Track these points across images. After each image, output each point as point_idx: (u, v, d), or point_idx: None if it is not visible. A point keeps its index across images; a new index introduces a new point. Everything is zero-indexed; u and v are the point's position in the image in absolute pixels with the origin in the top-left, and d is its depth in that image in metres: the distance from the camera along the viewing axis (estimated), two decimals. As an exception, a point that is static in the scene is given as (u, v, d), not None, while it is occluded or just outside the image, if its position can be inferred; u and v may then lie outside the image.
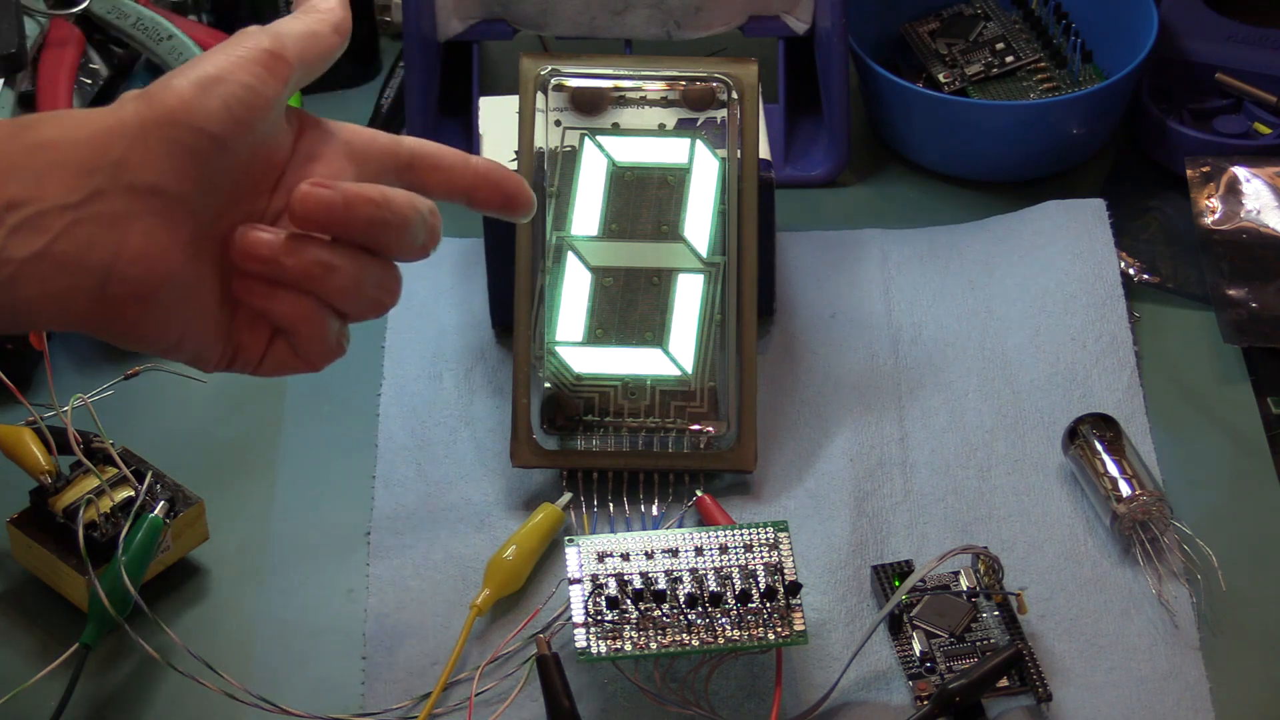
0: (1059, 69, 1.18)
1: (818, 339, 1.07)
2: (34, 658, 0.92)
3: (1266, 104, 1.17)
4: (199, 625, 0.94)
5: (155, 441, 0.99)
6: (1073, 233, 1.10)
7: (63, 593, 0.94)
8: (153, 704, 0.91)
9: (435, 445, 1.02)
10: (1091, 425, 0.98)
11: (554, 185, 1.00)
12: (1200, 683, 0.90)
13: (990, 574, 0.93)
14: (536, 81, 1.01)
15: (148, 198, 0.76)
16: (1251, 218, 1.11)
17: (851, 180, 1.18)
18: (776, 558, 0.90)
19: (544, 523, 0.96)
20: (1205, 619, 0.93)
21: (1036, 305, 1.07)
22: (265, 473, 1.01)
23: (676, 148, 1.00)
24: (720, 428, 0.98)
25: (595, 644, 0.88)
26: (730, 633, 0.88)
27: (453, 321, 1.08)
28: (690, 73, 1.01)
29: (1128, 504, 0.95)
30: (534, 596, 0.94)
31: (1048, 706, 0.89)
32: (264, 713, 0.89)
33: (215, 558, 0.97)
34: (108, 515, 0.93)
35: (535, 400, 0.98)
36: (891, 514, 0.98)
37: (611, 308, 0.99)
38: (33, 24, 1.11)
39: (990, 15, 1.21)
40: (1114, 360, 1.04)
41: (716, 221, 1.00)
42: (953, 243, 1.12)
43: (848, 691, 0.90)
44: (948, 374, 1.05)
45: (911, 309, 1.08)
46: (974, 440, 1.01)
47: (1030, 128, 1.14)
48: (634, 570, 0.89)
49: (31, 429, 0.95)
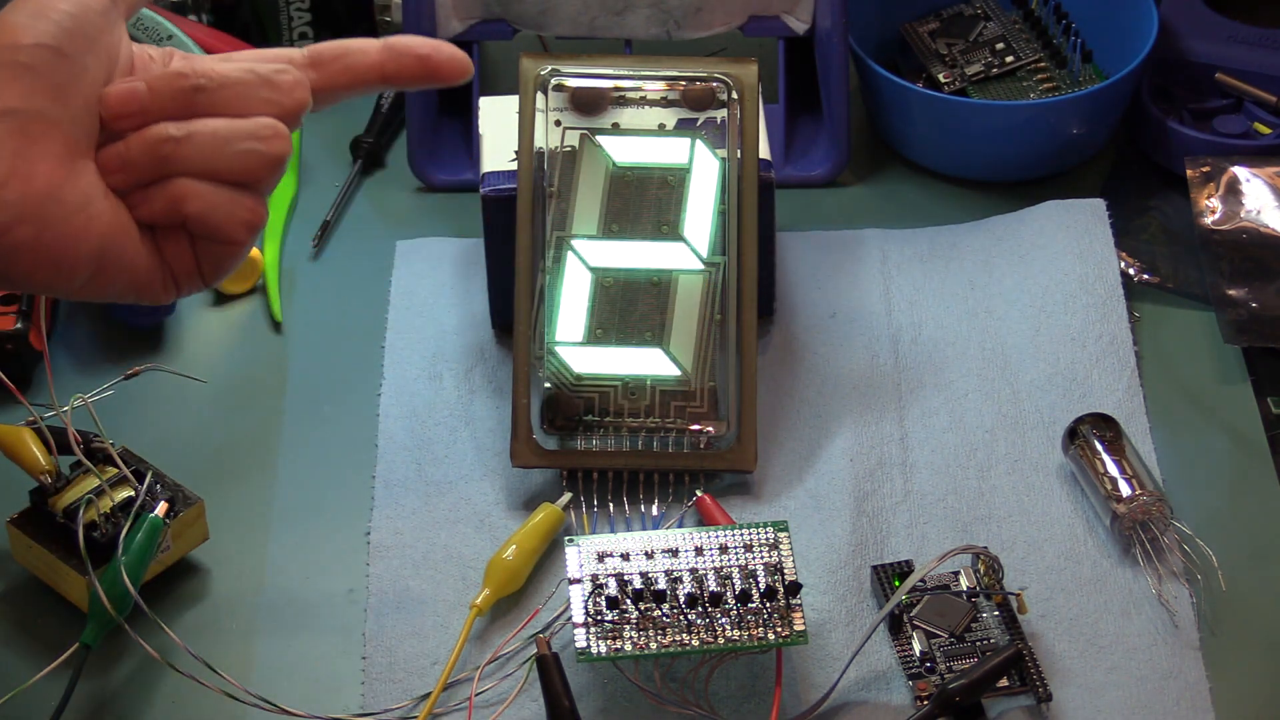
0: (1059, 69, 1.18)
1: (818, 339, 1.07)
2: (34, 658, 0.92)
3: (1266, 104, 1.17)
4: (199, 625, 0.94)
5: (155, 441, 0.99)
6: (1073, 233, 1.10)
7: (63, 593, 0.94)
8: (153, 704, 0.91)
9: (435, 445, 1.02)
10: (1091, 425, 0.98)
11: (554, 185, 1.00)
12: (1200, 683, 0.90)
13: (990, 574, 0.93)
14: (536, 81, 1.01)
15: (3, 121, 0.76)
16: (1251, 218, 1.11)
17: (851, 180, 1.18)
18: (776, 558, 0.90)
19: (544, 523, 0.96)
20: (1205, 619, 0.93)
21: (1036, 305, 1.07)
22: (265, 473, 1.01)
23: (676, 148, 1.00)
24: (720, 428, 0.98)
25: (595, 644, 0.88)
26: (730, 633, 0.88)
27: (453, 321, 1.08)
28: (690, 73, 1.01)
29: (1128, 504, 0.95)
30: (534, 596, 0.94)
31: (1048, 706, 0.89)
32: (264, 713, 0.89)
33: (215, 558, 0.97)
34: (108, 515, 0.93)
35: (535, 400, 0.98)
36: (891, 514, 0.98)
37: (611, 308, 0.99)
38: (33, 24, 1.11)
39: (990, 15, 1.21)
40: (1114, 360, 1.04)
41: (716, 221, 1.00)
42: (953, 243, 1.12)
43: (848, 691, 0.90)
44: (948, 374, 1.05)
45: (911, 309, 1.08)
46: (974, 440, 1.01)
47: (1030, 128, 1.14)
48: (634, 570, 0.89)
49: (31, 429, 0.95)
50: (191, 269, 0.81)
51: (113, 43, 0.80)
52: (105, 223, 0.78)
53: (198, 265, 0.81)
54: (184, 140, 0.78)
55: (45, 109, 0.77)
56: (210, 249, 0.80)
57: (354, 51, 0.83)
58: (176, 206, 0.79)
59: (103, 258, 0.78)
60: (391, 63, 0.83)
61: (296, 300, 1.10)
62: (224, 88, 0.79)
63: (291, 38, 1.22)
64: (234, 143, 0.79)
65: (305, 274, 1.12)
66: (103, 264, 0.78)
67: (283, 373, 1.06)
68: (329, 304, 1.10)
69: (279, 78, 0.80)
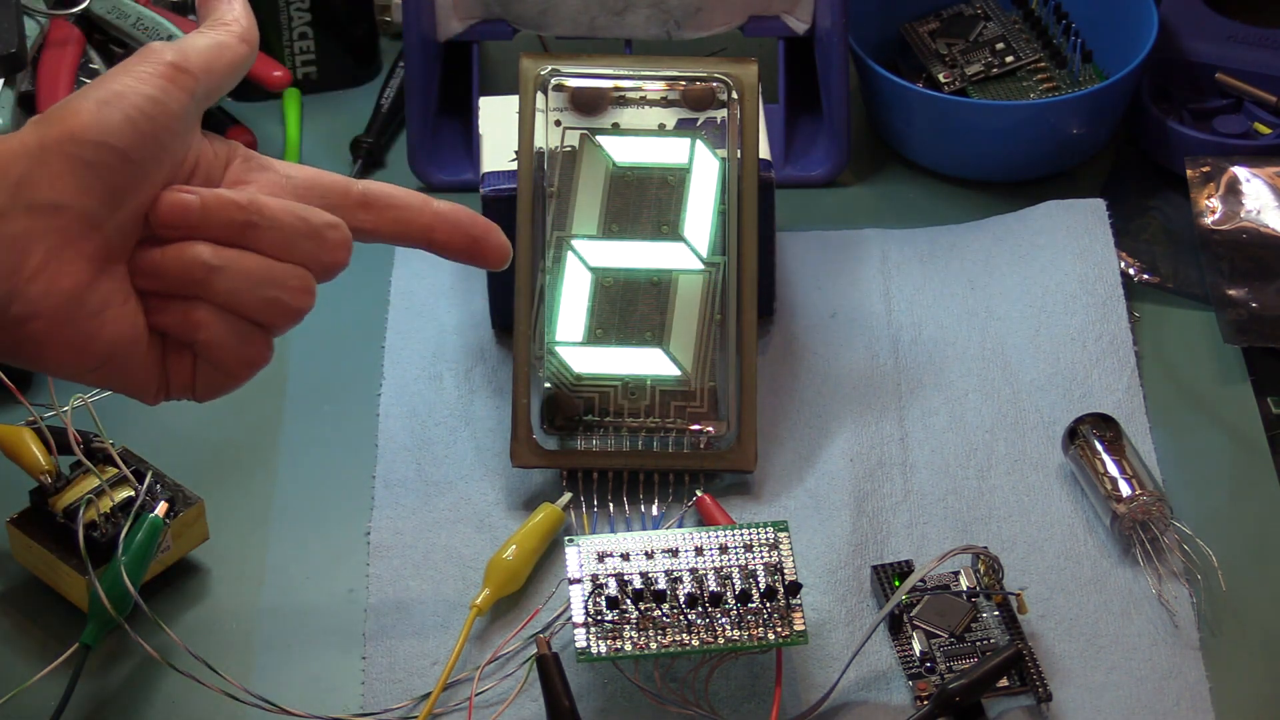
0: (1059, 69, 1.18)
1: (818, 339, 1.07)
2: (34, 658, 0.92)
3: (1266, 104, 1.17)
4: (199, 625, 0.94)
5: (155, 441, 0.99)
6: (1073, 233, 1.10)
7: (63, 593, 0.94)
8: (153, 704, 0.91)
9: (435, 445, 1.02)
10: (1091, 425, 0.98)
11: (554, 185, 1.00)
12: (1200, 683, 0.90)
13: (990, 574, 0.93)
14: (536, 81, 1.01)
15: (50, 215, 0.75)
16: (1251, 218, 1.11)
17: (851, 180, 1.18)
18: (776, 558, 0.90)
19: (544, 523, 0.96)
20: (1205, 619, 0.93)
21: (1036, 305, 1.07)
22: (265, 473, 1.01)
23: (676, 148, 1.00)
24: (720, 428, 0.98)
25: (595, 644, 0.88)
26: (730, 633, 0.88)
27: (453, 321, 1.08)
28: (690, 73, 1.01)
29: (1128, 504, 0.95)
30: (534, 596, 0.94)
31: (1048, 706, 0.89)
32: (264, 713, 0.89)
33: (215, 558, 0.97)
34: (108, 515, 0.93)
35: (535, 400, 0.98)
36: (891, 514, 0.98)
37: (611, 308, 0.99)
38: (33, 24, 1.11)
39: (990, 15, 1.21)
40: (1114, 360, 1.04)
41: (716, 221, 1.00)
42: (953, 243, 1.12)
43: (848, 691, 0.90)
44: (948, 374, 1.05)
45: (911, 309, 1.08)
46: (974, 440, 1.01)
47: (1030, 128, 1.14)
48: (634, 570, 0.89)
49: (31, 429, 0.95)
50: (188, 383, 0.81)
51: (183, 146, 0.79)
52: (119, 330, 0.78)
53: (194, 382, 0.81)
54: (219, 271, 0.78)
55: (95, 211, 0.76)
56: (209, 373, 0.81)
57: (409, 207, 0.83)
58: (191, 331, 0.79)
59: (109, 361, 0.78)
60: (442, 232, 0.84)
61: (296, 300, 1.10)
62: (273, 229, 0.79)
63: (291, 38, 1.22)
64: (264, 288, 0.79)
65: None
66: (108, 365, 0.78)
67: (283, 373, 1.06)
68: (329, 304, 1.10)
69: (327, 234, 0.80)
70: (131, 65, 0.79)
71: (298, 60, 1.23)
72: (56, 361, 0.78)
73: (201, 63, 0.80)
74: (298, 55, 1.23)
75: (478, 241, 0.84)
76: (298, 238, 0.80)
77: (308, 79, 1.23)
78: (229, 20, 0.82)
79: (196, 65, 0.79)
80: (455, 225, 0.84)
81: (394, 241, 0.84)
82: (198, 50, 0.80)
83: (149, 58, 0.79)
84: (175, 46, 0.80)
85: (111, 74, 0.78)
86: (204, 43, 0.81)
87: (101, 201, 0.76)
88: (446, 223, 0.84)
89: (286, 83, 1.19)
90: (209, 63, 0.80)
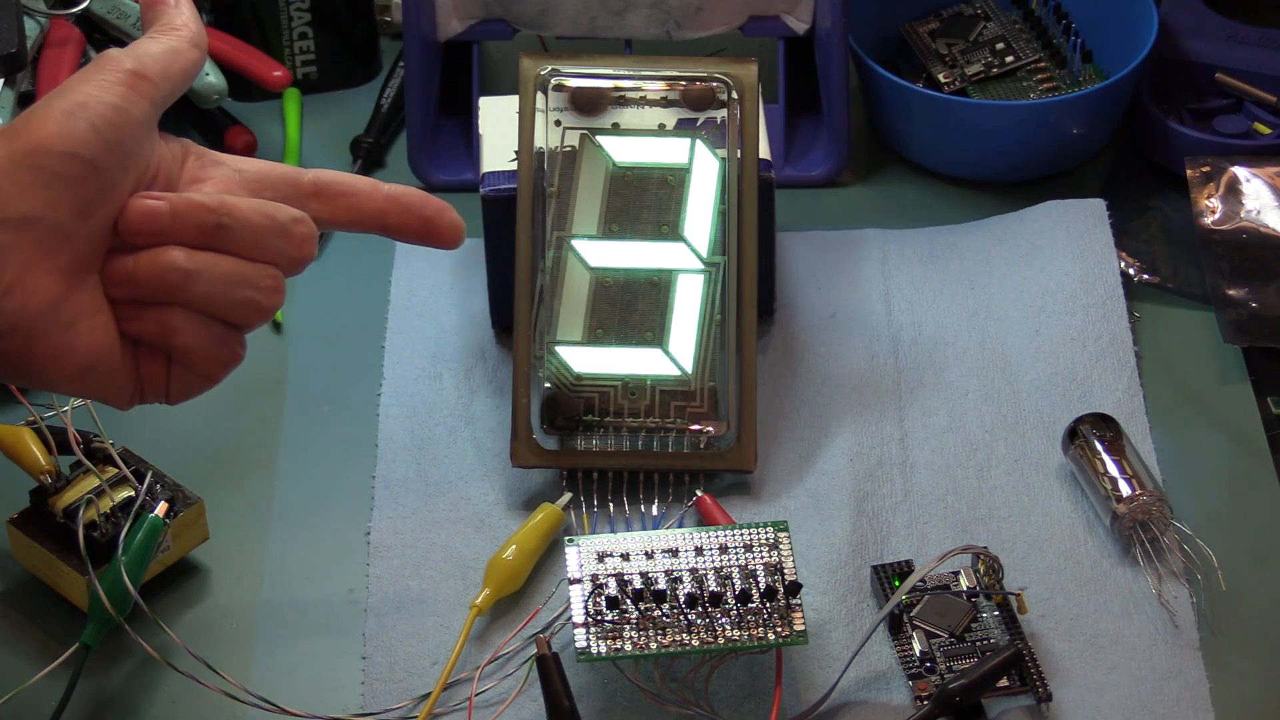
0: (1059, 69, 1.18)
1: (818, 339, 1.07)
2: (34, 658, 0.92)
3: (1266, 104, 1.17)
4: (199, 625, 0.94)
5: (155, 441, 0.99)
6: (1073, 233, 1.10)
7: (63, 593, 0.94)
8: (153, 704, 0.91)
9: (435, 445, 1.02)
10: (1091, 425, 0.98)
11: (554, 185, 1.00)
12: (1200, 682, 0.90)
13: (990, 574, 0.93)
14: (536, 81, 1.01)
15: (22, 229, 0.75)
16: (1251, 218, 1.11)
17: (851, 180, 1.18)
18: (776, 558, 0.90)
19: (544, 523, 0.96)
20: (1205, 619, 0.93)
21: (1036, 305, 1.07)
22: (265, 473, 1.01)
23: (676, 148, 1.00)
24: (720, 428, 0.98)
25: (595, 644, 0.88)
26: (730, 633, 0.88)
27: (453, 321, 1.08)
28: (690, 73, 1.01)
29: (1128, 504, 0.95)
30: (534, 596, 0.94)
31: (1048, 706, 0.89)
32: (264, 713, 0.89)
33: (215, 558, 0.97)
34: (108, 515, 0.93)
35: (535, 400, 0.98)
36: (891, 514, 0.98)
37: (611, 308, 0.99)
38: (33, 24, 1.11)
39: (990, 15, 1.21)
40: (1114, 360, 1.04)
41: (716, 221, 1.00)
42: (953, 243, 1.12)
43: (848, 691, 0.90)
44: (948, 374, 1.05)
45: (911, 309, 1.08)
46: (974, 440, 1.01)
47: (1030, 128, 1.14)
48: (634, 570, 0.89)
49: (31, 429, 0.95)
50: (161, 387, 0.81)
51: (146, 152, 0.79)
52: (95, 340, 0.78)
53: (168, 386, 0.81)
54: (194, 276, 0.78)
55: (65, 222, 0.76)
56: (184, 376, 0.81)
57: (359, 194, 0.83)
58: (166, 337, 0.79)
59: (86, 372, 0.78)
60: (394, 215, 0.84)
61: (296, 300, 1.10)
62: (243, 229, 0.79)
63: (291, 38, 1.22)
64: (238, 289, 0.79)
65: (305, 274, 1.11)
66: (84, 376, 0.78)
67: (283, 373, 1.06)
68: (329, 304, 1.10)
69: (295, 229, 0.81)
70: (91, 74, 0.79)
71: (298, 60, 1.23)
72: (33, 374, 0.78)
73: (158, 69, 0.80)
74: (298, 55, 1.23)
75: (430, 222, 0.84)
76: (268, 236, 0.80)
77: (308, 79, 1.23)
78: (178, 25, 0.82)
79: (154, 72, 0.79)
80: (407, 208, 0.84)
81: (349, 229, 0.84)
82: (153, 56, 0.80)
83: (107, 66, 0.79)
84: (131, 54, 0.80)
85: (72, 83, 0.78)
86: (158, 49, 0.81)
87: (72, 212, 0.76)
88: (398, 205, 0.84)
89: (286, 83, 1.19)
90: (165, 69, 0.80)
